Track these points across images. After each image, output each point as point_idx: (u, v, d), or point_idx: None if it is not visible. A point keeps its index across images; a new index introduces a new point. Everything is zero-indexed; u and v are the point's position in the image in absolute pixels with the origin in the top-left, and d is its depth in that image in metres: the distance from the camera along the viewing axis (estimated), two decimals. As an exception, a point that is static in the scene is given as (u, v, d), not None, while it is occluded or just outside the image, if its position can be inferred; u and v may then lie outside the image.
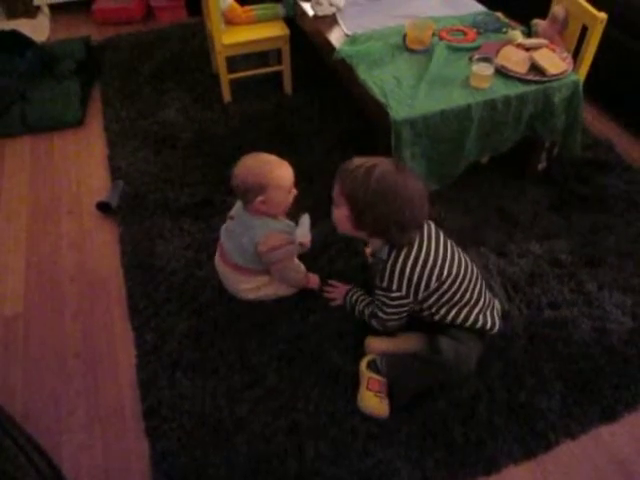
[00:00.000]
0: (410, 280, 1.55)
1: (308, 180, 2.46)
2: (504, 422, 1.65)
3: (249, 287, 1.92)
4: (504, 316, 1.90)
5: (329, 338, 1.87)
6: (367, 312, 1.78)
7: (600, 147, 2.62)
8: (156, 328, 1.92)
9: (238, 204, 1.88)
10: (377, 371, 1.70)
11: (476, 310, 1.65)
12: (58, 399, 1.77)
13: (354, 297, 1.87)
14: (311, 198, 2.37)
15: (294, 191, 1.83)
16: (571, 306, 1.95)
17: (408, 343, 1.76)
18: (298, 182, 2.42)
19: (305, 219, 2.19)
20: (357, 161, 1.52)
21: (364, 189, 1.45)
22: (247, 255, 1.84)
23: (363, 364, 1.73)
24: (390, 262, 1.55)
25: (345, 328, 1.89)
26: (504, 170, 2.46)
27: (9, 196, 2.51)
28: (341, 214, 1.56)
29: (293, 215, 2.25)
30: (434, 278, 1.56)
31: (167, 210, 2.35)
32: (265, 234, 1.79)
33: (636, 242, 2.17)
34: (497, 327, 1.71)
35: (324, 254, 2.14)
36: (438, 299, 1.61)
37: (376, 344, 1.79)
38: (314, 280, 2.00)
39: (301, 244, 1.87)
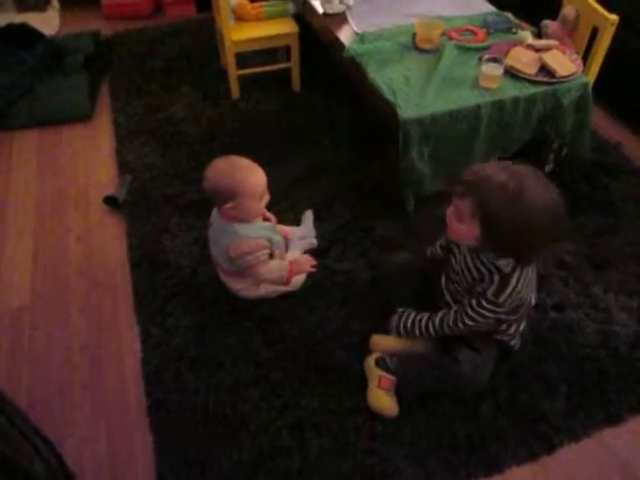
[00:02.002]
0: (520, 299, 1.49)
1: (315, 177, 2.47)
2: (508, 423, 1.65)
3: (243, 286, 1.91)
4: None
5: (334, 335, 1.87)
6: (436, 326, 1.64)
7: (608, 149, 2.62)
8: (162, 323, 1.93)
9: (215, 210, 1.85)
10: (387, 369, 1.69)
11: (521, 327, 1.68)
12: (63, 392, 1.78)
13: (409, 320, 1.71)
14: (319, 194, 2.37)
15: (266, 197, 1.79)
16: (576, 308, 1.94)
17: (414, 343, 1.75)
18: (305, 178, 2.45)
19: (309, 215, 2.20)
20: (495, 175, 1.33)
21: (512, 214, 1.30)
22: (226, 260, 1.82)
23: (371, 361, 1.72)
24: (514, 279, 1.45)
25: (349, 325, 1.90)
26: (511, 171, 2.45)
27: (17, 189, 2.52)
28: (468, 232, 1.42)
29: (297, 212, 2.26)
30: (527, 300, 1.55)
31: (174, 205, 2.36)
32: (234, 240, 1.75)
33: (643, 245, 2.17)
34: (517, 346, 1.73)
35: (330, 253, 2.14)
36: (512, 318, 1.60)
37: (382, 342, 1.78)
38: (301, 265, 1.91)
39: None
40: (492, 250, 1.45)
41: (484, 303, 1.50)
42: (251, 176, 1.71)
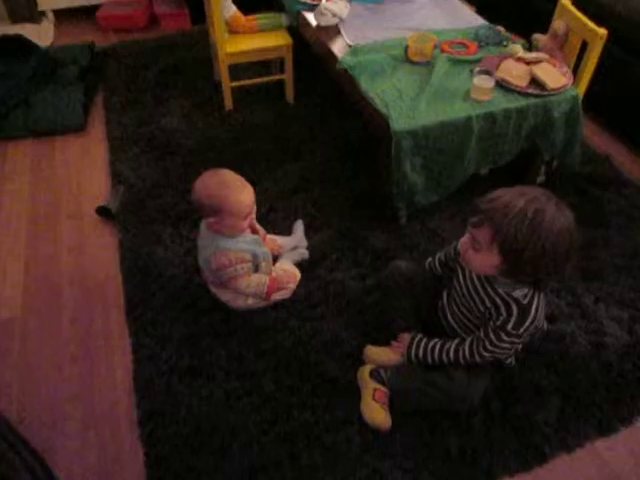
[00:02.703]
0: (536, 327, 1.48)
1: (309, 188, 2.48)
2: (500, 434, 1.65)
3: (230, 297, 1.91)
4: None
5: (326, 346, 1.87)
6: (451, 357, 1.60)
7: (599, 162, 2.64)
8: (153, 334, 1.92)
9: (203, 221, 1.85)
10: (382, 382, 1.69)
11: (519, 348, 1.68)
12: (54, 403, 1.77)
13: (420, 349, 1.67)
14: (312, 205, 2.38)
15: (252, 216, 1.78)
16: (568, 319, 1.95)
17: None
18: (299, 189, 2.46)
19: (299, 225, 2.21)
20: (513, 202, 1.32)
21: (533, 240, 1.28)
22: (210, 270, 1.83)
23: (365, 373, 1.72)
24: (533, 309, 1.44)
25: (342, 336, 1.89)
26: (503, 183, 2.45)
27: (9, 199, 2.52)
28: (487, 260, 1.39)
29: (291, 222, 2.27)
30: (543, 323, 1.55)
31: (167, 216, 2.36)
32: (214, 253, 1.75)
33: (633, 257, 2.18)
34: (513, 363, 1.74)
35: (323, 263, 2.14)
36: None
37: (377, 355, 1.78)
38: (281, 281, 1.91)
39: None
40: (511, 277, 1.42)
41: (504, 337, 1.47)
42: (237, 194, 1.68)
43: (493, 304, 1.50)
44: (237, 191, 1.68)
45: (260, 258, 1.85)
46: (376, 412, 1.65)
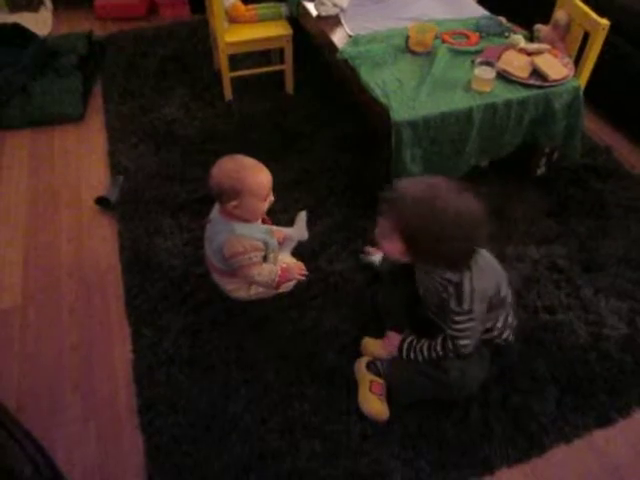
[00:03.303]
0: (485, 293, 1.49)
1: (309, 179, 2.47)
2: (498, 425, 1.66)
3: (235, 287, 1.91)
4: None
5: (325, 337, 1.87)
6: (435, 353, 1.59)
7: (599, 153, 2.64)
8: (153, 324, 1.92)
9: (216, 207, 1.84)
10: (378, 374, 1.70)
11: (507, 323, 1.67)
12: (53, 393, 1.77)
13: (411, 351, 1.66)
14: (311, 196, 2.38)
15: (271, 198, 1.78)
16: (567, 311, 1.95)
17: None
18: (298, 180, 2.45)
19: (302, 217, 2.20)
20: (411, 190, 1.38)
21: (426, 227, 1.34)
22: (221, 258, 1.81)
23: (362, 365, 1.73)
24: (467, 283, 1.45)
25: (342, 328, 1.90)
26: (504, 174, 2.47)
27: (8, 189, 2.51)
28: (394, 248, 1.45)
29: (290, 213, 2.26)
30: (493, 294, 1.53)
31: (166, 206, 2.35)
32: (229, 239, 1.74)
33: (633, 248, 2.18)
34: (512, 338, 1.72)
35: (323, 255, 2.14)
36: (491, 316, 1.60)
37: (374, 347, 1.78)
38: (292, 272, 1.91)
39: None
40: (421, 262, 1.48)
41: (455, 317, 1.50)
42: (256, 175, 1.70)
43: (437, 290, 1.54)
44: (256, 172, 1.71)
45: (270, 249, 1.85)
46: (373, 404, 1.66)
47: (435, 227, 1.33)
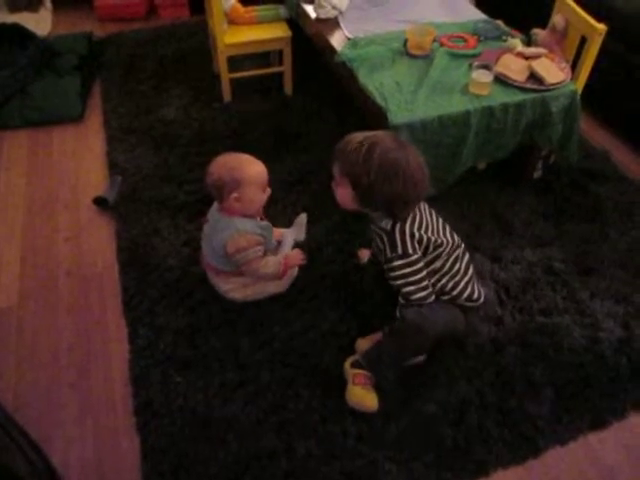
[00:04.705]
0: (420, 239, 1.58)
1: (306, 180, 2.48)
2: (494, 427, 1.66)
3: (231, 287, 1.92)
4: (496, 321, 1.92)
5: (322, 338, 1.87)
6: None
7: (596, 157, 2.65)
8: (150, 324, 1.92)
9: (214, 206, 1.89)
10: (360, 367, 1.71)
11: (465, 279, 1.71)
12: (50, 392, 1.77)
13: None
14: (309, 198, 2.38)
15: (268, 190, 1.84)
16: (563, 314, 1.96)
17: None
18: (296, 182, 2.46)
19: (302, 218, 2.20)
20: (355, 138, 1.53)
21: (367, 169, 1.47)
22: (219, 257, 1.85)
23: (347, 364, 1.74)
24: (397, 229, 1.57)
25: (338, 329, 1.90)
26: (500, 177, 2.48)
27: (6, 189, 2.51)
28: (344, 193, 1.57)
29: (288, 215, 2.27)
30: (433, 240, 1.61)
31: (164, 207, 2.36)
32: (232, 235, 1.78)
33: (629, 252, 2.19)
34: (482, 297, 1.76)
35: (319, 256, 2.14)
36: (437, 267, 1.66)
37: (365, 345, 1.79)
38: (293, 259, 1.94)
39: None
40: (370, 209, 1.58)
41: (393, 264, 1.59)
42: (254, 166, 1.80)
43: (377, 243, 1.66)
44: (252, 162, 1.81)
45: (267, 246, 1.89)
46: (357, 394, 1.67)
47: (374, 170, 1.46)
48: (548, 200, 2.40)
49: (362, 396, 1.67)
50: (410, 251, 1.57)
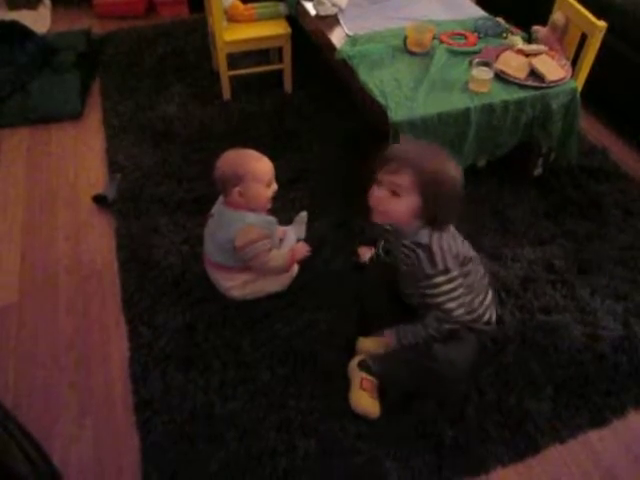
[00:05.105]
0: (457, 254, 1.55)
1: (306, 178, 2.47)
2: (493, 425, 1.66)
3: (232, 284, 1.92)
4: (496, 320, 1.92)
5: (322, 336, 1.87)
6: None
7: (596, 155, 2.64)
8: (150, 322, 1.92)
9: (219, 201, 1.90)
10: (369, 371, 1.70)
11: (489, 297, 1.70)
12: (50, 390, 1.77)
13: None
14: (308, 196, 2.38)
15: (274, 186, 1.85)
16: (563, 311, 1.96)
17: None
18: (296, 179, 2.46)
19: (302, 217, 2.20)
20: (423, 150, 1.53)
21: (444, 181, 1.46)
22: (224, 252, 1.85)
23: (354, 363, 1.73)
24: (435, 243, 1.52)
25: (338, 327, 1.90)
26: (501, 175, 2.48)
27: (5, 187, 2.51)
28: (406, 205, 1.49)
29: (287, 213, 2.26)
30: (462, 253, 1.58)
31: (164, 205, 2.36)
32: (241, 228, 1.79)
33: (629, 250, 2.19)
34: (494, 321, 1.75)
35: (319, 254, 2.14)
36: (469, 282, 1.62)
37: (368, 345, 1.79)
38: (300, 252, 1.97)
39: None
40: (424, 219, 1.52)
41: (434, 280, 1.53)
42: (257, 161, 1.81)
43: (407, 260, 1.58)
44: (256, 158, 1.82)
45: (272, 242, 1.89)
46: (363, 400, 1.66)
47: (449, 182, 1.46)
48: (548, 198, 2.40)
49: (368, 404, 1.65)
50: (450, 266, 1.52)
